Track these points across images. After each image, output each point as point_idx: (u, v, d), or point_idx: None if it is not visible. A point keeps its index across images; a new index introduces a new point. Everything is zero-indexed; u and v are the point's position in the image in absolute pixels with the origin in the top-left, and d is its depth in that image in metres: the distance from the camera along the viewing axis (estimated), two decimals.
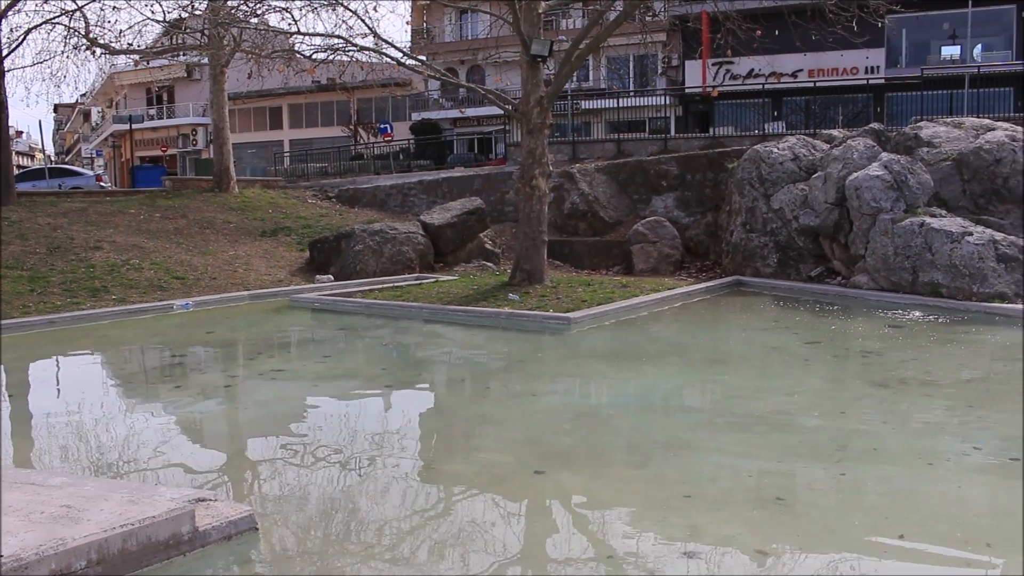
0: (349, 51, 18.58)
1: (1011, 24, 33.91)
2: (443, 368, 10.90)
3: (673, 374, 9.96)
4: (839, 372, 10.19)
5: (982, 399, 8.58)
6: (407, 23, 49.31)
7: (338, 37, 18.16)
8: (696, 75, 36.23)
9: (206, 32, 23.14)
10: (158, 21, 23.62)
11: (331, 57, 19.08)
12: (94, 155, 70.94)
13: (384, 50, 18.77)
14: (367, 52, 18.88)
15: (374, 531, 5.23)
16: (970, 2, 29.61)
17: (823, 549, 4.90)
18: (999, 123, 17.61)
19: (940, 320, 12.89)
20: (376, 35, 18.23)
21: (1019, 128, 17.30)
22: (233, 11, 21.37)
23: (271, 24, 23.35)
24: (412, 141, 40.96)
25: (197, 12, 23.20)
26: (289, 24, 22.65)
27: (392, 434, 7.63)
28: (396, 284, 17.15)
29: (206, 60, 28.62)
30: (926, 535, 5.08)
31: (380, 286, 16.87)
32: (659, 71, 39.95)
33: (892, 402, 8.35)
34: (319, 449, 7.08)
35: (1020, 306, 13.23)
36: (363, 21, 18.48)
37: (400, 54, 19.04)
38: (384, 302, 14.92)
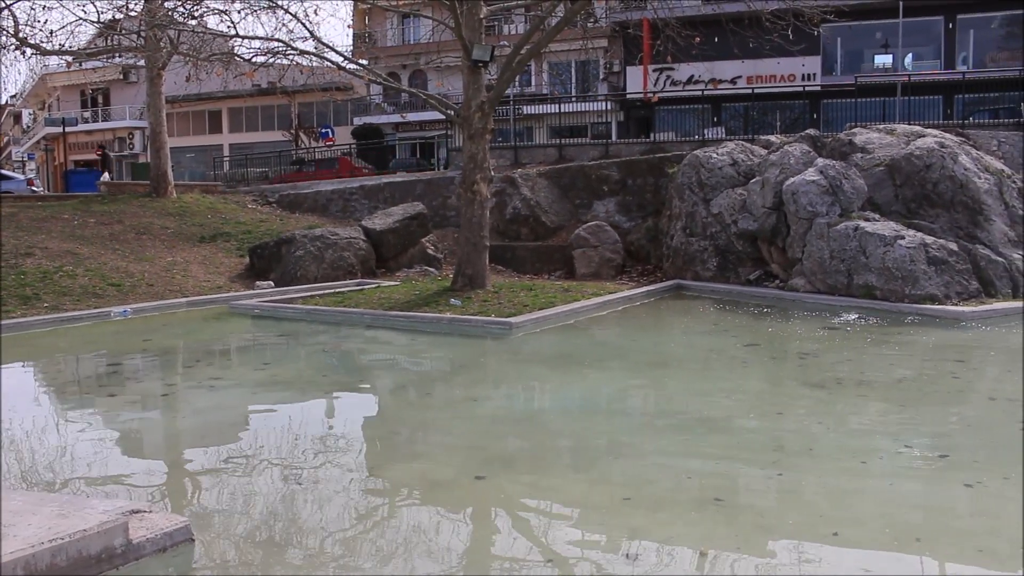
0: (289, 55, 18.41)
1: (939, 35, 34.84)
2: (385, 374, 10.83)
3: (614, 377, 10.03)
4: (776, 374, 10.36)
5: (914, 399, 8.79)
6: (348, 26, 49.04)
7: (278, 41, 17.99)
8: (637, 81, 36.53)
9: (142, 34, 22.72)
10: (91, 21, 23.14)
11: (271, 61, 18.84)
12: (25, 158, 69.15)
13: (324, 54, 18.64)
14: (308, 56, 18.72)
15: (315, 539, 5.18)
16: (901, 13, 30.31)
17: (760, 548, 4.97)
18: (929, 130, 18.06)
19: (874, 322, 13.17)
20: (316, 39, 18.10)
21: (948, 135, 17.77)
22: (170, 12, 21.02)
23: (209, 26, 22.99)
24: (354, 146, 40.70)
25: (132, 13, 22.77)
26: (228, 27, 22.36)
27: (333, 441, 7.56)
28: (337, 290, 17.01)
29: (142, 62, 28.10)
30: (859, 532, 5.18)
31: (321, 292, 16.72)
32: (601, 77, 40.24)
33: (828, 402, 8.51)
34: (258, 457, 6.99)
35: (951, 307, 13.57)
36: (303, 24, 18.30)
37: (341, 58, 18.93)
38: (325, 308, 14.79)
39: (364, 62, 35.71)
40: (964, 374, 9.92)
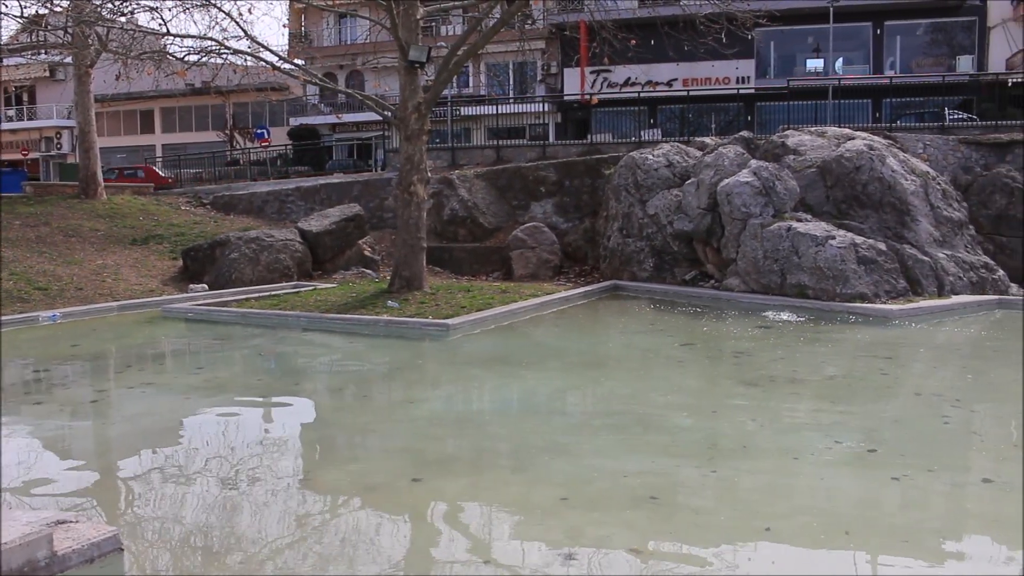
0: (223, 54, 18.12)
1: (868, 40, 35.68)
2: (321, 377, 10.73)
3: (551, 378, 10.06)
4: (712, 372, 10.49)
5: (844, 395, 8.98)
6: (284, 26, 48.46)
7: (211, 40, 17.69)
8: (575, 83, 36.74)
9: (69, 30, 22.16)
10: (15, 17, 22.50)
11: (204, 60, 18.53)
12: None
13: (259, 54, 18.39)
14: (242, 55, 18.45)
15: (250, 545, 5.11)
16: (831, 19, 30.97)
17: (695, 545, 5.03)
18: (858, 133, 18.50)
19: (806, 320, 13.43)
20: (251, 38, 17.84)
21: (876, 138, 18.20)
22: (98, 8, 20.52)
23: (140, 24, 22.52)
24: (290, 147, 40.23)
25: (58, 9, 22.17)
26: (159, 24, 21.94)
27: (268, 445, 7.47)
28: (273, 293, 16.80)
29: (70, 60, 27.40)
30: (790, 527, 5.28)
31: (257, 295, 16.49)
32: (538, 78, 40.37)
33: (761, 400, 8.64)
34: (192, 463, 6.87)
35: (880, 305, 13.89)
36: (237, 23, 18.03)
37: (276, 58, 18.68)
38: (261, 311, 14.59)
39: (300, 62, 35.30)
40: (892, 371, 10.16)
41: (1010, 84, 29.29)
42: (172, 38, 18.85)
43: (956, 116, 26.64)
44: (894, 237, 15.79)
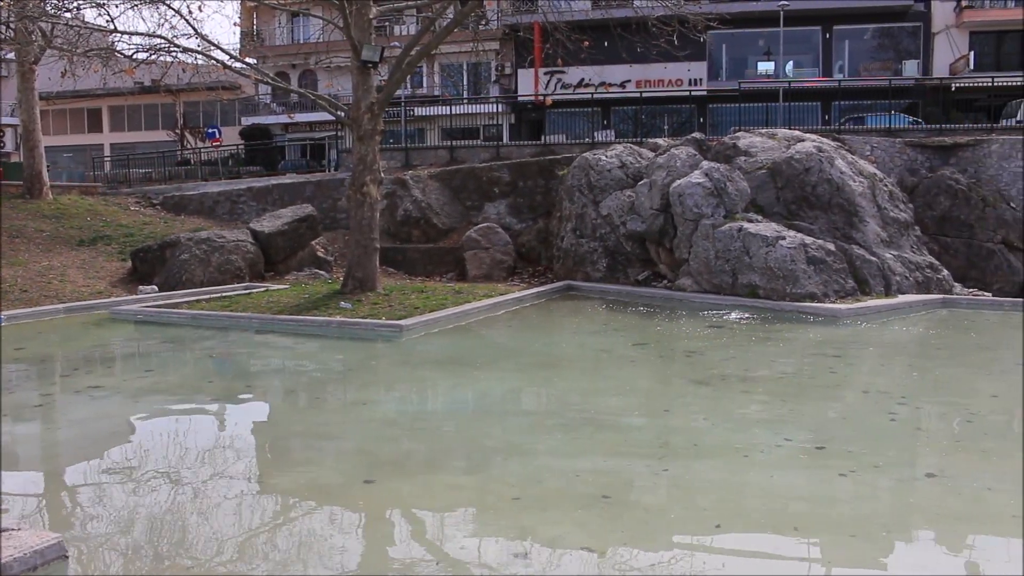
0: (172, 52, 17.85)
1: (817, 44, 36.24)
2: (273, 379, 10.62)
3: (505, 378, 10.07)
4: (664, 372, 10.58)
5: (794, 393, 9.11)
6: (235, 24, 47.91)
7: (160, 37, 17.43)
8: (528, 84, 36.84)
9: (11, 26, 21.69)
10: None
11: (153, 58, 18.24)
12: None
13: (210, 52, 18.15)
14: (192, 54, 18.20)
15: (200, 550, 5.04)
16: (782, 23, 31.40)
17: (646, 543, 5.06)
18: (808, 135, 18.76)
19: (757, 319, 13.59)
20: (201, 36, 17.59)
21: (825, 140, 18.48)
22: (42, 3, 20.10)
23: (86, 20, 22.11)
24: (242, 146, 39.80)
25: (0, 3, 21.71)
26: (107, 21, 21.56)
27: (219, 448, 7.38)
28: (225, 294, 16.60)
29: (12, 56, 26.81)
30: (741, 524, 5.34)
31: (208, 296, 16.28)
32: (492, 79, 40.40)
33: (712, 399, 8.73)
34: (142, 468, 6.76)
35: (829, 305, 14.10)
36: (187, 21, 17.78)
37: (227, 57, 18.46)
38: (212, 313, 14.41)
39: (252, 61, 34.93)
40: (841, 369, 10.32)
41: (954, 88, 29.89)
42: (120, 35, 18.58)
43: (902, 120, 27.14)
44: (843, 238, 16.04)
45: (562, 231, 19.17)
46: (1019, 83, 28.55)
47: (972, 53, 33.76)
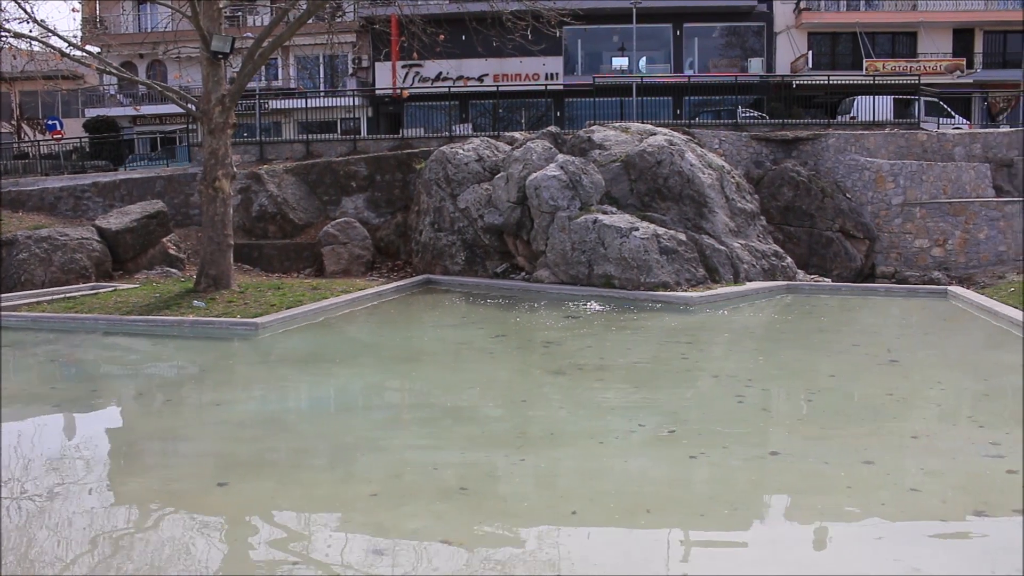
0: (3, 37, 16.82)
1: (669, 41, 37.30)
2: (122, 382, 10.18)
3: (363, 374, 9.98)
4: (522, 363, 10.69)
5: (647, 380, 9.37)
6: (73, 10, 45.59)
7: None
8: (386, 77, 36.45)
9: None
10: None
11: None
12: None
13: (46, 39, 17.20)
14: (25, 39, 17.19)
15: (46, 564, 4.77)
16: (635, 19, 32.15)
17: (503, 533, 5.11)
18: (660, 128, 19.30)
19: (613, 309, 13.90)
20: (35, 21, 16.66)
21: (676, 134, 19.06)
22: None
23: None
24: (86, 139, 37.93)
25: None
26: None
27: (65, 459, 7.00)
28: (69, 295, 15.78)
29: None
30: (596, 508, 5.45)
31: (50, 298, 15.46)
32: (349, 72, 39.83)
33: (569, 388, 8.89)
34: None
35: (681, 293, 14.56)
36: (19, 4, 16.78)
37: (65, 44, 17.53)
38: (54, 315, 13.70)
39: (95, 49, 33.35)
40: (692, 355, 10.68)
41: (795, 85, 31.32)
42: None
43: (748, 114, 28.27)
44: (693, 228, 16.58)
45: (420, 225, 19.12)
46: (852, 81, 30.20)
47: (810, 53, 35.48)
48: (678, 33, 37.23)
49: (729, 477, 6.13)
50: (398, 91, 31.41)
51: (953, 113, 26.95)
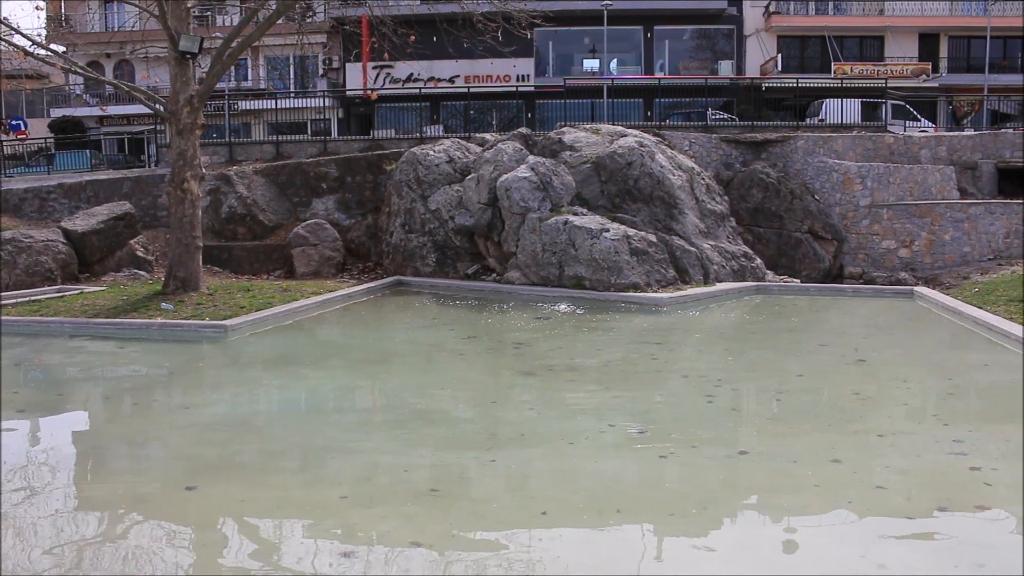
0: None
1: (640, 43, 37.47)
2: (89, 386, 10.07)
3: (334, 376, 9.93)
4: (493, 364, 10.69)
5: (618, 380, 9.40)
6: (37, 8, 45.01)
7: None
8: (357, 78, 36.34)
9: None
10: None
11: None
12: None
13: (9, 37, 16.99)
14: None
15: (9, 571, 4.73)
16: (605, 21, 32.27)
17: (473, 534, 5.12)
18: (631, 130, 19.38)
19: (584, 310, 13.93)
20: None
21: (647, 135, 19.15)
22: None
23: None
24: (51, 140, 37.48)
25: None
26: None
27: (31, 464, 6.90)
28: (34, 298, 15.59)
29: None
30: (566, 509, 5.46)
31: (14, 300, 15.27)
32: (320, 73, 39.64)
33: (539, 389, 8.90)
34: None
35: (651, 294, 14.62)
36: None
37: (29, 42, 17.31)
38: (19, 318, 13.52)
39: (60, 48, 32.98)
40: (662, 355, 10.73)
41: (764, 88, 31.57)
42: None
43: (718, 116, 28.44)
44: (664, 229, 16.65)
45: (391, 226, 19.06)
46: (821, 84, 30.50)
47: (780, 55, 35.78)
48: (649, 35, 37.42)
49: (699, 476, 6.17)
50: (369, 92, 31.32)
51: (919, 116, 27.30)
